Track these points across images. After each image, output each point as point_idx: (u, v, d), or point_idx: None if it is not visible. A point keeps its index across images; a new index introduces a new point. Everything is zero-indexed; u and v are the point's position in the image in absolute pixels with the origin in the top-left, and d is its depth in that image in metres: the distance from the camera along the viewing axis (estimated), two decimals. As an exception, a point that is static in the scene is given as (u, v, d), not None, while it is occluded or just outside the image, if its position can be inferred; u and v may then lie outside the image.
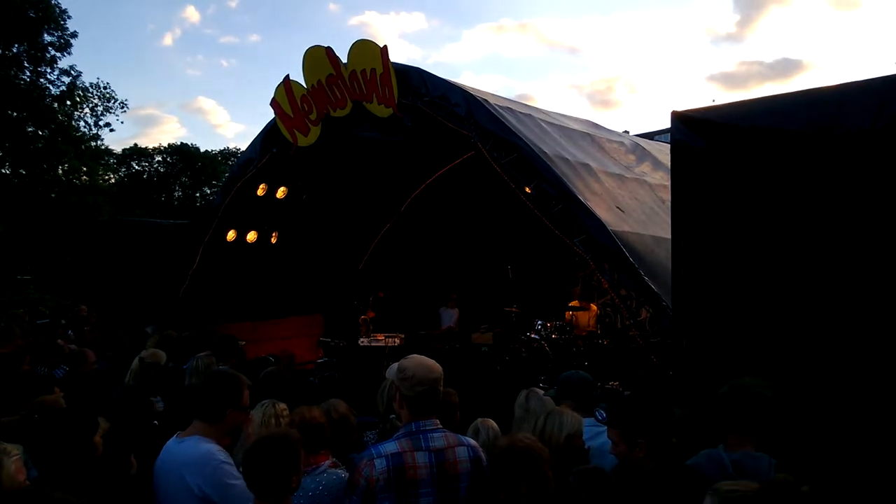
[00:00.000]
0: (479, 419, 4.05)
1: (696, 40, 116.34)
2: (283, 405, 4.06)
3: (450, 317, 13.03)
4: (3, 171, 25.52)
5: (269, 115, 10.82)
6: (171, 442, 3.55)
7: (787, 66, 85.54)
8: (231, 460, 3.40)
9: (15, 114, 24.33)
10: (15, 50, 24.21)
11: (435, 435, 3.19)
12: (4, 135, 23.85)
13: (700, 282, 4.88)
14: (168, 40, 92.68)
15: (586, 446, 3.81)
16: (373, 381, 6.28)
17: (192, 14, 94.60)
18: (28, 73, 24.86)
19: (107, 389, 5.17)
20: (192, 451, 3.38)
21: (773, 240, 4.51)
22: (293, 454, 3.01)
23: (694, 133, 4.92)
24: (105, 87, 27.63)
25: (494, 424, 4.03)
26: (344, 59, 9.47)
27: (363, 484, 3.03)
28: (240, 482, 3.16)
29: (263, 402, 4.08)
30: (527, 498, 2.96)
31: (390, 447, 3.13)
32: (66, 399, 4.54)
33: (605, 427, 3.57)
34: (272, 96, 10.54)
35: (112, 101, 27.83)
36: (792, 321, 4.38)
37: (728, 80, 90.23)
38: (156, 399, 5.52)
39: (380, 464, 3.04)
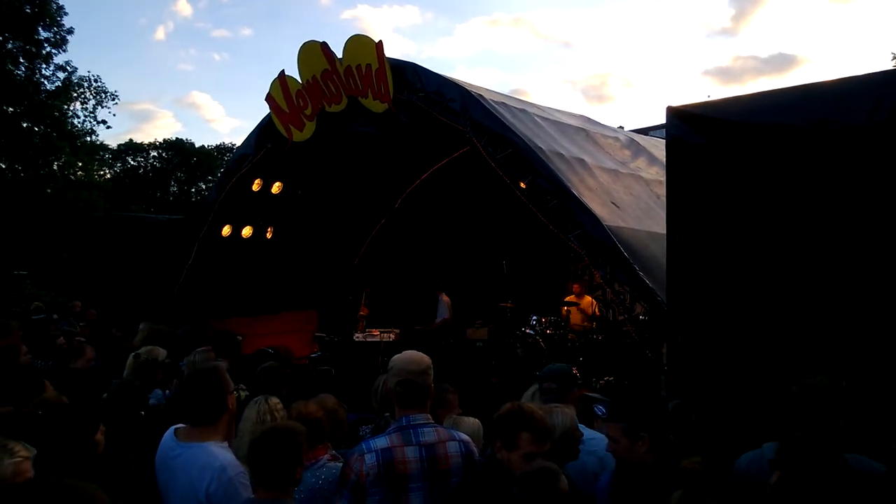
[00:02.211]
0: (456, 415, 4.03)
1: (691, 34, 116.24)
2: (275, 399, 4.05)
3: (443, 309, 12.88)
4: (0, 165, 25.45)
5: (265, 110, 10.80)
6: (170, 440, 3.38)
7: (782, 61, 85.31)
8: (248, 479, 3.14)
9: (10, 109, 24.22)
10: (10, 45, 24.07)
11: (426, 430, 3.21)
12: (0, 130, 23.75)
13: (695, 277, 4.88)
14: (160, 34, 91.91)
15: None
16: (367, 376, 6.27)
17: (183, 7, 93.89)
18: (23, 69, 24.70)
19: (99, 386, 5.13)
20: (211, 456, 3.19)
21: (768, 235, 4.51)
22: (297, 446, 3.05)
23: (690, 128, 4.91)
24: (96, 80, 27.45)
25: (470, 420, 3.99)
26: (339, 55, 9.46)
27: (353, 478, 3.07)
28: None
29: (256, 398, 4.06)
30: (524, 448, 2.93)
31: (381, 442, 3.16)
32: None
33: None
34: (267, 91, 10.52)
35: (103, 95, 27.63)
36: (788, 316, 4.38)
37: (723, 74, 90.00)
38: (157, 393, 5.51)
39: (370, 458, 3.08)
